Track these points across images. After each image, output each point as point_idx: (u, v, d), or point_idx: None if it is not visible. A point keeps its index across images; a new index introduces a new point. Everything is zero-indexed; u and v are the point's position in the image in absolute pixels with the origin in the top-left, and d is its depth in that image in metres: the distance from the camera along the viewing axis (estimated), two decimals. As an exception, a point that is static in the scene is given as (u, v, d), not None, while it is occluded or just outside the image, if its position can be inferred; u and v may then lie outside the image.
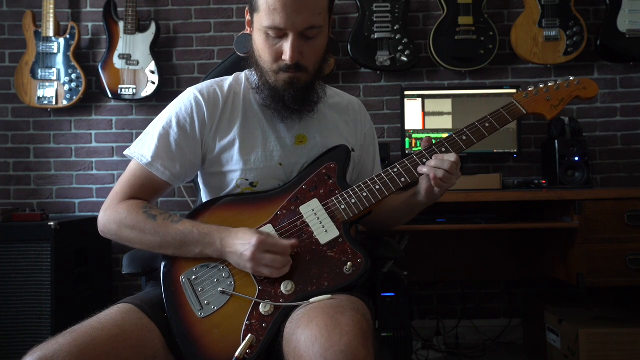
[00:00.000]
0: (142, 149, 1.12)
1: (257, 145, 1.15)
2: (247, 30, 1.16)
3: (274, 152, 1.15)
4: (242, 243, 0.98)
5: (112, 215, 1.07)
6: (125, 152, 1.15)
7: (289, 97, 1.10)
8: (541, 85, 1.22)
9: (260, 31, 1.07)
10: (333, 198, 1.09)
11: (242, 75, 1.23)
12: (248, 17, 1.14)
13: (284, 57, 1.06)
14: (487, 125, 1.15)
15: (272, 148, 1.15)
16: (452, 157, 1.08)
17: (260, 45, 1.09)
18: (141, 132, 1.18)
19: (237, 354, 0.92)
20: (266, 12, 1.03)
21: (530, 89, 1.21)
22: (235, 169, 1.14)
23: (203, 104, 1.14)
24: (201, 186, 1.25)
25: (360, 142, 1.29)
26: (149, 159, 1.10)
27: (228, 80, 1.21)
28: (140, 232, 1.04)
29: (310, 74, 1.11)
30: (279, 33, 1.05)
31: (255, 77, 1.16)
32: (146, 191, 1.11)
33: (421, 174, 1.11)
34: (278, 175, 1.15)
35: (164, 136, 1.12)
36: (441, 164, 1.07)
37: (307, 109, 1.16)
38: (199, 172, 1.22)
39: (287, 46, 1.05)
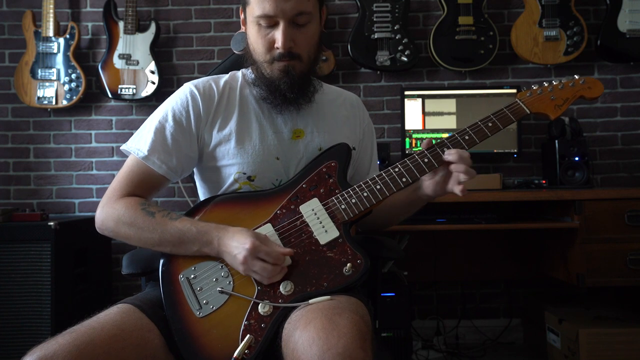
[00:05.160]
0: (139, 143, 1.12)
1: (254, 138, 1.14)
2: (242, 29, 1.18)
3: (271, 146, 1.15)
4: (236, 245, 0.98)
5: (109, 212, 1.06)
6: (122, 147, 1.15)
7: (285, 86, 1.11)
8: (545, 84, 1.18)
9: (252, 23, 1.10)
10: (333, 197, 1.09)
11: (239, 73, 1.24)
12: (242, 16, 1.17)
13: (276, 45, 1.09)
14: (490, 124, 1.13)
15: (269, 142, 1.15)
16: (465, 153, 1.07)
17: (253, 37, 1.12)
18: (141, 132, 1.17)
19: (235, 354, 0.92)
20: (256, 2, 1.07)
21: (534, 88, 1.18)
22: (232, 163, 1.14)
23: (199, 97, 1.15)
24: (199, 182, 1.25)
25: (359, 137, 1.28)
26: (146, 153, 1.10)
27: (224, 77, 1.22)
28: (138, 229, 1.04)
29: (304, 62, 1.12)
30: (270, 21, 1.08)
31: (252, 72, 1.18)
32: (144, 187, 1.11)
33: (447, 161, 1.08)
34: (275, 169, 1.15)
35: (160, 130, 1.12)
36: (460, 160, 1.06)
37: (304, 99, 1.16)
38: (196, 169, 1.22)
39: (278, 34, 1.08)
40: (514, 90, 2.37)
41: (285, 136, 1.17)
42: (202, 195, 1.24)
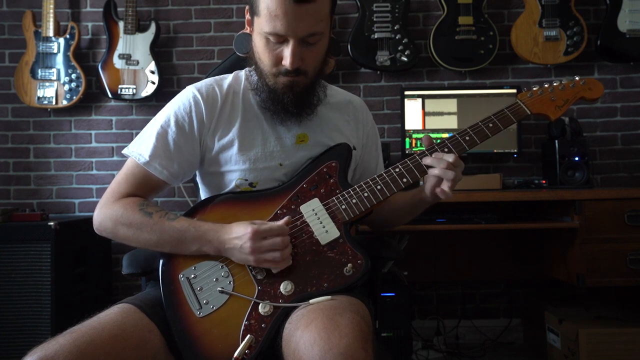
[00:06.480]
0: (140, 148, 1.11)
1: (257, 145, 1.14)
2: (247, 29, 1.15)
3: (274, 152, 1.14)
4: (237, 237, 0.98)
5: (107, 213, 1.06)
6: (124, 151, 1.14)
7: (287, 100, 1.10)
8: (546, 85, 1.19)
9: (260, 35, 1.06)
10: (334, 198, 1.09)
11: (242, 73, 1.22)
12: (248, 17, 1.13)
13: (284, 63, 1.05)
14: (490, 125, 1.13)
15: (272, 148, 1.15)
16: (450, 157, 1.07)
17: (260, 48, 1.08)
18: (141, 132, 1.17)
19: (235, 354, 0.92)
20: (267, 17, 1.02)
21: (535, 89, 1.18)
22: (234, 169, 1.13)
23: (202, 102, 1.14)
24: (200, 185, 1.24)
25: (362, 141, 1.27)
26: (147, 158, 1.09)
27: (227, 78, 1.20)
28: (136, 229, 1.03)
29: (309, 77, 1.10)
30: (280, 39, 1.04)
31: (255, 77, 1.16)
32: (143, 189, 1.11)
33: (427, 165, 1.09)
34: (277, 176, 1.15)
35: (162, 135, 1.11)
36: (437, 163, 1.07)
37: (306, 112, 1.15)
38: (197, 172, 1.22)
39: (287, 52, 1.04)
40: (514, 91, 2.37)
41: (288, 141, 1.16)
42: (203, 197, 1.24)
